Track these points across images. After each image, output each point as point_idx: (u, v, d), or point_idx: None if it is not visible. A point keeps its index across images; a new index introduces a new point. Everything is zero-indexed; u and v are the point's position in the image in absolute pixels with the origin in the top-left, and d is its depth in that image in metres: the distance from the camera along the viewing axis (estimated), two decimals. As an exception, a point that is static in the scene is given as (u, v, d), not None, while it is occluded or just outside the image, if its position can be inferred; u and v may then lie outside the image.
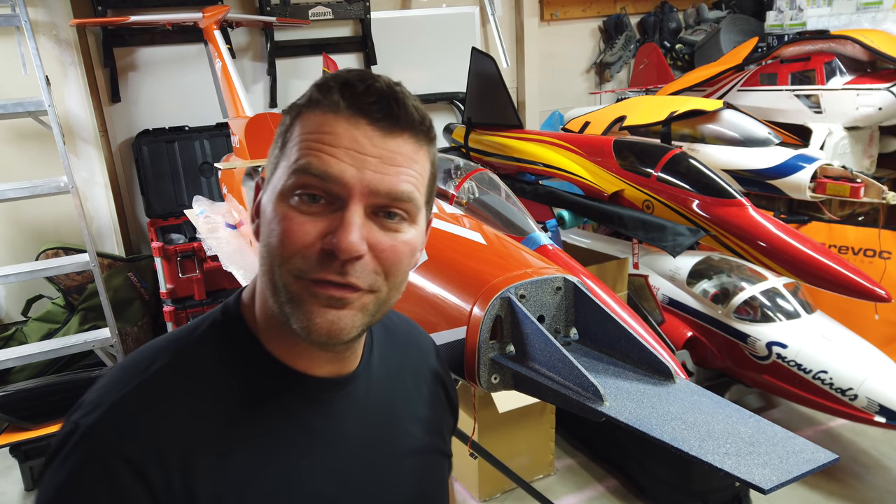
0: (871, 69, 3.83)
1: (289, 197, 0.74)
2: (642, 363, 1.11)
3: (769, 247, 2.75)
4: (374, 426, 0.89)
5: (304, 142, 0.74)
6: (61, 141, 3.37)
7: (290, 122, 0.78)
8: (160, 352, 0.80)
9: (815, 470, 0.85)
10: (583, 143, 3.50)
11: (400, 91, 0.76)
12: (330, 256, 0.72)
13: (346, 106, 0.74)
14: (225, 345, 0.82)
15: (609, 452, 3.10)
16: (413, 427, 0.94)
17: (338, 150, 0.73)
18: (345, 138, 0.73)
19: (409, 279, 0.83)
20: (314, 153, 0.73)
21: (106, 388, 0.77)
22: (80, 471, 0.71)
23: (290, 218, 0.73)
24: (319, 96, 0.76)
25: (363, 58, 4.86)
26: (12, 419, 3.18)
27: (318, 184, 0.73)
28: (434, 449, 0.97)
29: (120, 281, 3.99)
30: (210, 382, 0.79)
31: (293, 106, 0.79)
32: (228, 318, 0.84)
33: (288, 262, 0.73)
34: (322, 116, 0.74)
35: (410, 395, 0.96)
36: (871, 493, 2.86)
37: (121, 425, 0.73)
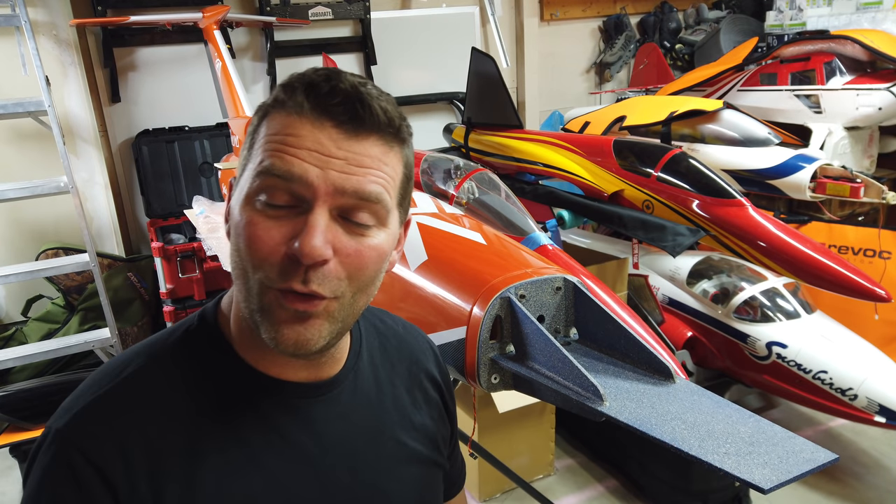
0: (871, 69, 3.83)
1: (254, 200, 0.72)
2: (642, 363, 1.11)
3: (769, 247, 2.75)
4: (360, 433, 0.86)
5: (269, 143, 0.72)
6: (61, 141, 3.37)
7: (258, 122, 0.76)
8: (135, 356, 0.80)
9: (815, 470, 0.85)
10: (583, 143, 3.50)
11: (366, 91, 0.73)
12: (294, 262, 0.70)
13: (310, 107, 0.72)
14: (198, 351, 0.81)
15: (609, 452, 3.10)
16: (404, 435, 0.91)
17: (301, 150, 0.71)
18: (308, 140, 0.71)
19: (409, 279, 0.83)
20: (277, 154, 0.71)
21: (80, 392, 0.78)
22: (49, 473, 0.72)
23: (255, 223, 0.71)
24: (284, 97, 0.73)
25: (363, 58, 4.86)
26: (12, 419, 3.17)
27: (281, 185, 0.71)
28: (426, 459, 0.94)
29: (120, 281, 3.99)
30: (181, 388, 0.78)
31: (260, 106, 0.77)
32: (204, 324, 0.83)
33: (257, 269, 0.71)
34: (286, 118, 0.72)
35: (402, 401, 0.93)
36: (870, 494, 2.86)
37: (88, 428, 0.73)
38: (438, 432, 0.97)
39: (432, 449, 0.95)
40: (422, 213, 1.74)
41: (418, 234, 1.61)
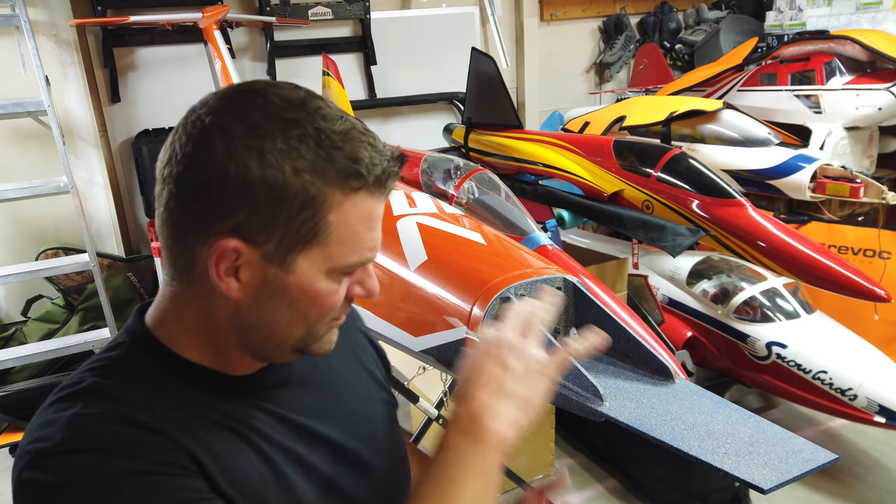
0: (871, 69, 3.83)
1: (334, 274, 0.77)
2: (642, 363, 1.11)
3: (769, 247, 2.75)
4: (318, 399, 0.90)
5: (359, 234, 0.76)
6: (61, 141, 3.37)
7: (317, 206, 0.72)
8: (80, 378, 0.76)
9: (815, 470, 0.85)
10: (582, 144, 3.50)
11: (403, 155, 0.80)
12: (350, 300, 0.81)
13: (378, 188, 0.76)
14: (145, 360, 0.78)
15: (609, 452, 3.10)
16: (357, 387, 0.97)
17: (375, 233, 0.78)
18: (378, 219, 0.78)
19: (409, 279, 0.86)
20: (368, 246, 0.78)
21: (32, 441, 0.71)
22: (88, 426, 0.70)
23: (335, 291, 0.78)
24: (355, 181, 0.73)
25: (363, 58, 4.86)
26: (12, 419, 3.18)
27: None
28: (383, 400, 1.02)
29: (120, 281, 3.99)
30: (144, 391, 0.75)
31: (316, 183, 0.71)
32: (138, 339, 0.80)
33: (325, 318, 0.79)
34: (365, 202, 0.75)
35: (345, 357, 0.98)
36: (870, 494, 2.85)
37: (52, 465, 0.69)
38: (381, 374, 1.05)
39: (382, 389, 1.03)
40: (422, 213, 1.74)
41: (418, 234, 1.61)
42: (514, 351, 0.78)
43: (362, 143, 0.74)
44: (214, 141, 0.71)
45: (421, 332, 1.38)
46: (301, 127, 0.71)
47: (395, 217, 1.70)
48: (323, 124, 0.72)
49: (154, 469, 0.68)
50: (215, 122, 0.72)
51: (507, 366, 0.77)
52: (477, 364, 0.78)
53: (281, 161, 0.70)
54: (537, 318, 0.82)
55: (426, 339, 1.39)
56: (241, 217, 0.71)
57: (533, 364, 0.78)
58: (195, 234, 0.73)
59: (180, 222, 0.74)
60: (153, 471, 0.68)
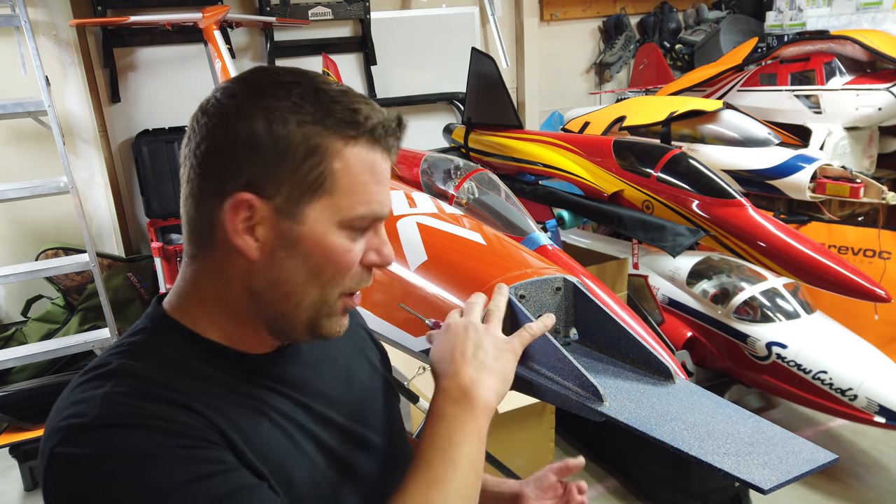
0: (871, 69, 3.83)
1: (342, 230, 0.79)
2: (642, 363, 1.11)
3: (769, 247, 2.75)
4: (342, 357, 0.97)
5: (360, 185, 0.79)
6: (61, 141, 3.37)
7: (317, 147, 0.76)
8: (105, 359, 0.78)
9: (815, 470, 0.85)
10: (582, 144, 3.50)
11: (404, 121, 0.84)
12: (370, 270, 0.84)
13: (380, 140, 0.80)
14: (167, 341, 0.81)
15: (609, 453, 3.10)
16: (362, 374, 1.01)
17: (383, 187, 0.82)
18: (385, 175, 0.82)
19: (409, 279, 0.87)
20: (376, 199, 0.80)
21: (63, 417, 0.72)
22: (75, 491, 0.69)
23: (347, 249, 0.80)
24: (352, 129, 0.78)
25: (363, 58, 4.86)
26: (12, 419, 3.18)
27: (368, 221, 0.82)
28: (392, 388, 1.07)
29: (120, 281, 3.99)
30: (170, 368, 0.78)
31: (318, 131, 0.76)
32: (158, 323, 0.83)
33: (341, 283, 0.81)
34: (366, 154, 0.79)
35: (347, 347, 1.01)
36: (870, 494, 2.86)
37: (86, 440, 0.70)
38: (384, 367, 1.09)
39: (384, 381, 1.07)
40: (422, 213, 1.74)
41: (418, 235, 1.61)
42: (484, 333, 0.93)
43: (359, 100, 0.79)
44: (227, 110, 0.77)
45: (421, 333, 1.38)
46: (301, 87, 0.77)
47: (395, 217, 1.70)
48: (322, 85, 0.79)
49: (189, 443, 0.71)
50: (226, 94, 0.79)
51: (481, 345, 0.91)
52: (456, 345, 0.91)
53: (285, 115, 0.75)
54: (497, 308, 0.99)
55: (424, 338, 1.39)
56: (252, 172, 0.76)
57: (501, 343, 0.94)
58: (213, 198, 0.77)
59: (200, 190, 0.79)
60: (188, 444, 0.71)
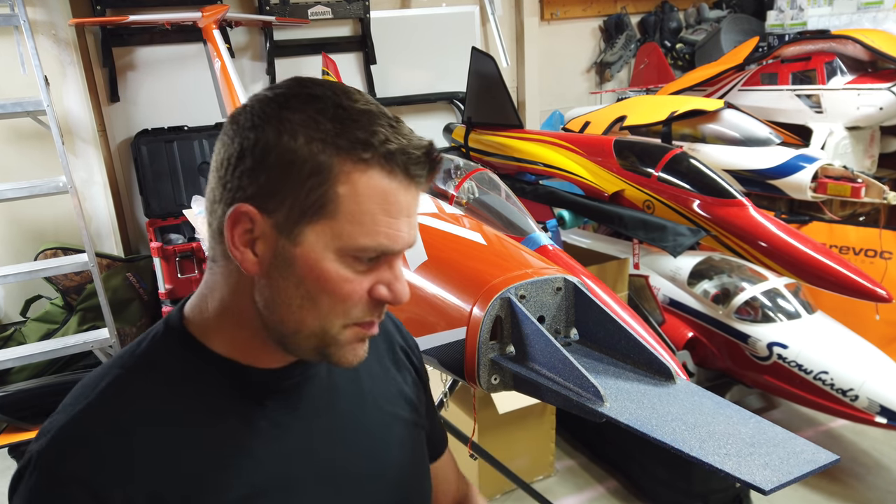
0: (872, 69, 3.82)
1: (343, 258, 0.74)
2: (643, 364, 1.11)
3: (770, 247, 2.75)
4: (346, 404, 0.91)
5: (373, 215, 0.73)
6: (60, 141, 3.37)
7: (324, 167, 0.72)
8: (108, 369, 0.80)
9: (816, 471, 0.84)
10: (583, 143, 3.49)
11: (436, 151, 0.77)
12: (380, 304, 0.78)
13: (399, 168, 0.74)
14: (170, 352, 0.81)
15: (609, 453, 3.10)
16: (386, 401, 0.96)
17: (399, 221, 0.75)
18: (403, 208, 0.75)
19: (409, 279, 0.85)
20: (386, 232, 0.74)
21: (58, 412, 0.78)
22: (31, 497, 0.72)
23: (347, 280, 0.75)
24: (366, 154, 0.72)
25: (363, 57, 4.85)
26: (12, 419, 3.18)
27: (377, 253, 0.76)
28: (410, 421, 0.99)
29: (119, 281, 3.99)
30: (158, 392, 0.78)
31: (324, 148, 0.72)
32: (171, 329, 0.83)
33: (343, 315, 0.76)
34: (379, 180, 0.73)
35: (378, 370, 0.97)
36: (871, 494, 2.85)
37: (68, 449, 0.73)
38: (416, 396, 1.02)
39: (412, 411, 1.00)
40: (422, 213, 1.74)
41: (418, 235, 1.61)
42: None
43: (381, 122, 0.74)
44: (246, 118, 0.75)
45: (421, 333, 1.38)
46: (322, 101, 0.73)
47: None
48: (346, 102, 0.74)
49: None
50: (253, 101, 0.77)
51: None
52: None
53: (296, 129, 0.72)
54: None
55: (426, 339, 1.38)
56: (257, 185, 0.73)
57: None
58: (223, 206, 0.76)
59: (215, 196, 0.77)
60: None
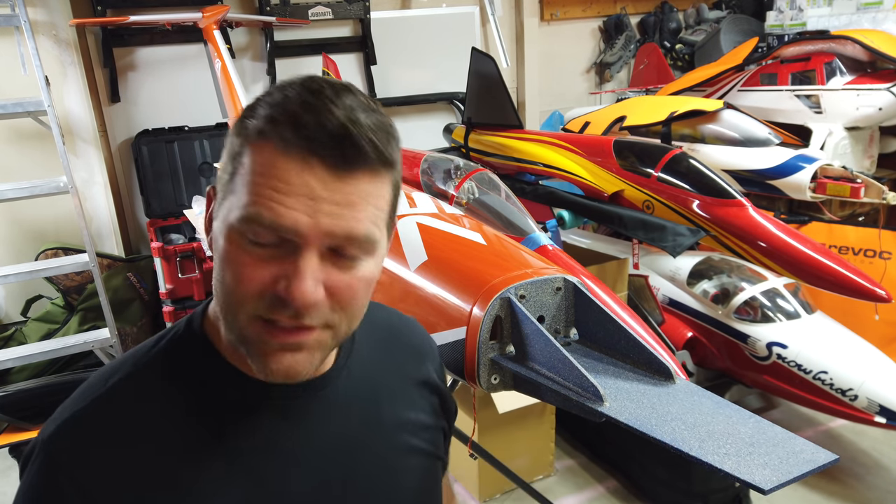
0: (872, 69, 3.83)
1: (238, 236, 0.69)
2: (642, 363, 1.11)
3: (769, 247, 2.75)
4: (356, 428, 0.86)
5: (255, 184, 0.68)
6: (61, 141, 3.37)
7: (239, 146, 0.71)
8: (121, 364, 0.80)
9: (816, 470, 0.85)
10: (583, 144, 3.49)
11: (355, 125, 0.68)
12: (283, 302, 0.68)
13: (297, 147, 0.67)
14: (185, 357, 0.80)
15: (609, 453, 3.10)
16: (399, 428, 0.91)
17: (289, 197, 0.67)
18: (296, 185, 0.67)
19: (409, 279, 0.83)
20: (265, 202, 0.67)
21: (67, 403, 0.78)
22: (33, 486, 0.73)
23: (242, 262, 0.69)
24: (269, 128, 0.68)
25: (363, 58, 4.86)
26: (12, 419, 3.17)
27: (269, 234, 0.68)
28: (423, 451, 0.93)
29: (119, 281, 3.99)
30: (168, 396, 0.78)
31: (242, 128, 0.71)
32: (190, 331, 0.82)
33: (242, 305, 0.70)
34: (272, 155, 0.68)
35: (397, 397, 0.92)
36: (871, 494, 2.85)
37: (70, 443, 0.74)
38: (436, 425, 0.96)
39: (429, 442, 0.94)
40: (422, 214, 1.74)
41: (418, 234, 1.61)
42: None
43: (314, 104, 0.68)
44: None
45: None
46: (290, 88, 0.70)
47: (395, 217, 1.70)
48: (302, 85, 0.70)
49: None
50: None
51: None
52: None
53: (245, 118, 0.72)
54: None
55: (427, 335, 1.39)
56: (220, 169, 0.75)
57: None
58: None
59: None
60: None
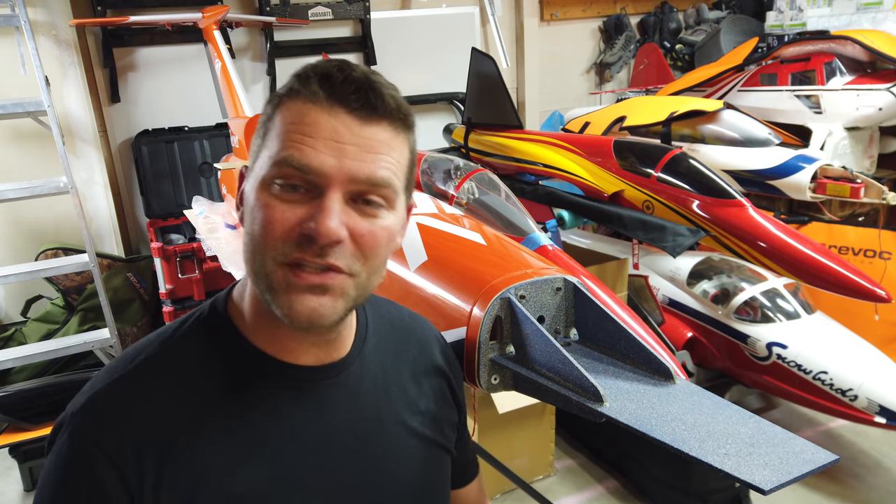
0: (872, 69, 3.83)
1: (270, 186, 0.76)
2: (642, 364, 1.11)
3: (769, 247, 2.75)
4: (366, 415, 0.89)
5: (286, 133, 0.76)
6: (61, 141, 3.37)
7: (272, 111, 0.79)
8: (148, 344, 0.83)
9: (816, 471, 0.84)
10: (583, 144, 3.49)
11: (377, 80, 0.78)
12: (309, 241, 0.74)
13: (325, 96, 0.76)
14: (209, 338, 0.84)
15: (609, 453, 3.10)
16: (409, 418, 0.94)
17: (318, 140, 0.74)
18: (325, 129, 0.75)
19: (409, 279, 0.84)
20: (295, 145, 0.75)
21: (96, 378, 0.82)
22: (62, 457, 0.76)
23: (271, 206, 0.75)
24: (300, 86, 0.77)
25: (363, 58, 4.86)
26: (12, 419, 3.17)
27: (298, 175, 0.74)
28: (432, 441, 0.96)
29: (119, 281, 3.99)
30: (192, 374, 0.81)
31: (274, 95, 0.81)
32: (215, 313, 0.86)
33: (271, 248, 0.75)
34: (302, 106, 0.76)
35: (407, 386, 0.96)
36: (871, 494, 2.85)
37: (99, 415, 0.76)
38: (444, 417, 1.00)
39: (437, 432, 0.98)
40: (422, 214, 1.74)
41: (418, 235, 1.61)
42: None
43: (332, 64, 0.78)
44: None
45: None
46: (307, 69, 0.79)
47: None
48: (328, 64, 0.79)
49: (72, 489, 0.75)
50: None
51: None
52: None
53: (287, 82, 0.80)
54: None
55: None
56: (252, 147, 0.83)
57: None
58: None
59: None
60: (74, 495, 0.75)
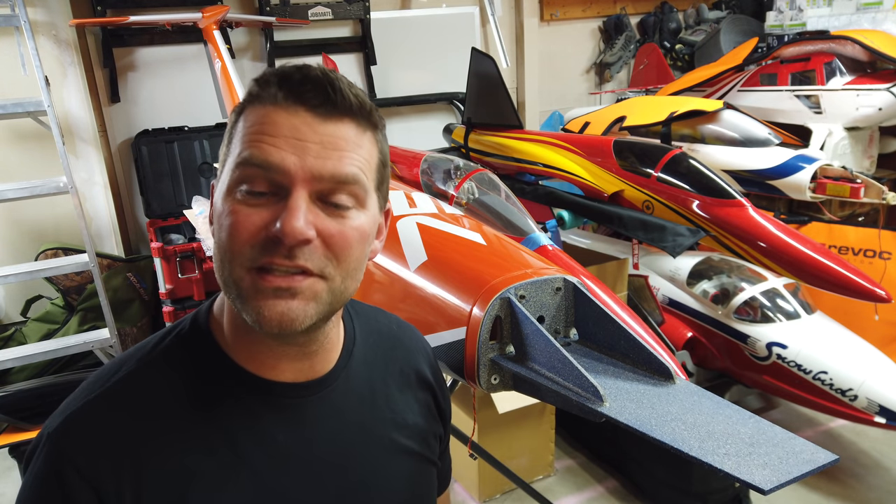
0: (871, 69, 3.83)
1: (235, 191, 0.74)
2: (642, 364, 1.11)
3: (769, 247, 2.75)
4: (352, 430, 0.87)
5: (247, 135, 0.75)
6: (60, 141, 3.37)
7: (235, 119, 0.78)
8: (127, 359, 0.81)
9: (815, 471, 0.85)
10: (583, 144, 3.49)
11: (335, 77, 0.77)
12: (276, 243, 0.71)
13: (283, 96, 0.75)
14: (189, 353, 0.81)
15: (609, 453, 3.10)
16: (396, 433, 0.92)
17: (278, 139, 0.73)
18: (284, 127, 0.73)
19: (409, 279, 0.84)
20: (255, 144, 0.73)
21: (74, 396, 0.80)
22: (39, 479, 0.74)
23: (236, 211, 0.73)
24: (259, 90, 0.76)
25: (363, 58, 4.86)
26: (12, 419, 3.17)
27: (260, 174, 0.73)
28: (418, 456, 0.95)
29: (119, 281, 3.99)
30: (172, 391, 0.78)
31: (236, 106, 0.80)
32: (195, 328, 0.83)
33: (238, 254, 0.73)
34: (263, 109, 0.75)
35: (394, 400, 0.94)
36: (871, 494, 2.85)
37: (75, 437, 0.74)
38: (430, 430, 0.98)
39: (424, 446, 0.96)
40: (422, 214, 1.74)
41: (418, 235, 1.61)
42: None
43: (306, 67, 0.77)
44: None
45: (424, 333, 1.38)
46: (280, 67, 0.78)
47: (395, 217, 1.70)
48: (303, 66, 0.78)
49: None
50: None
51: None
52: None
53: (248, 88, 0.79)
54: None
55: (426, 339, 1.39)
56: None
57: None
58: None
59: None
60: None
